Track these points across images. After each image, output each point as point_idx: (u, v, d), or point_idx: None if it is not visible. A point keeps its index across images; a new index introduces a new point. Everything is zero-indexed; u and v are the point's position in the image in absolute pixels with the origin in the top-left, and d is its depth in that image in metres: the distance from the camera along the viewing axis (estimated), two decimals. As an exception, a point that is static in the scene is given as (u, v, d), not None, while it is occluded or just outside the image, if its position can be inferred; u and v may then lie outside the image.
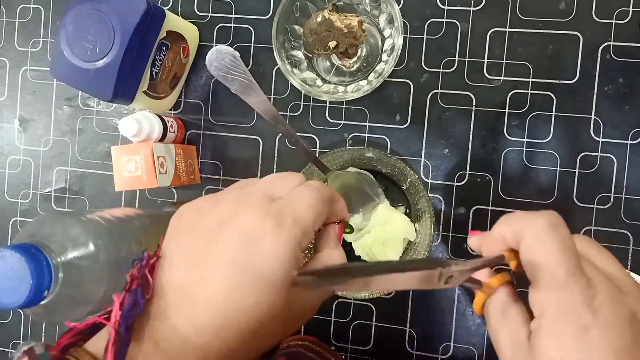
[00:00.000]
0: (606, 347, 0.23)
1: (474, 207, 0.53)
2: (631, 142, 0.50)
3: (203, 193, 0.58)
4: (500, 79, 0.52)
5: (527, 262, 0.26)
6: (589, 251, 0.28)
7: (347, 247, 0.53)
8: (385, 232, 0.51)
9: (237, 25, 0.57)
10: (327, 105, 0.55)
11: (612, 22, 0.50)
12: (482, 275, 0.30)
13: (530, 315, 0.26)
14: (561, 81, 0.51)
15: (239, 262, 0.26)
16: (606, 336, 0.23)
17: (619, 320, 0.23)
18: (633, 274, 0.50)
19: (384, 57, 0.51)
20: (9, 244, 0.36)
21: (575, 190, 0.51)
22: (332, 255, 0.31)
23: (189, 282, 0.26)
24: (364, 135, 0.55)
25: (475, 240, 0.31)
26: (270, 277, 0.26)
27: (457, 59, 0.53)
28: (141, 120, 0.50)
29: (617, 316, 0.23)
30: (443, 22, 0.53)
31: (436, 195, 0.54)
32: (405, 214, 0.53)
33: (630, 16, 0.50)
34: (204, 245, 0.27)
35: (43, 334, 0.61)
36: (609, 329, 0.23)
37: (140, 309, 0.26)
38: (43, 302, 0.36)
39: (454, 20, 0.53)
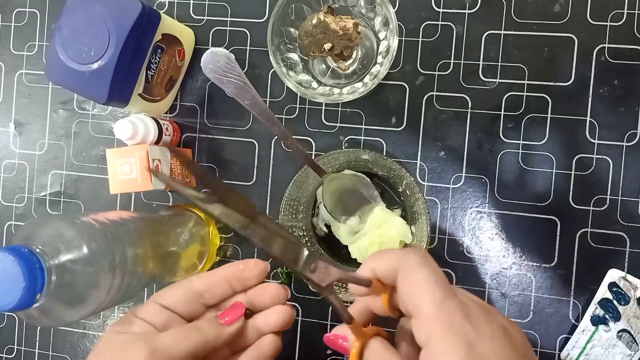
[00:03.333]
0: (494, 359, 0.25)
1: (471, 210, 0.53)
2: (627, 143, 0.50)
3: (199, 196, 0.58)
4: (496, 82, 0.52)
5: (406, 293, 0.27)
6: (453, 286, 0.31)
7: (344, 250, 0.53)
8: (381, 234, 0.51)
9: (233, 28, 0.57)
10: (323, 107, 0.55)
11: (606, 25, 0.50)
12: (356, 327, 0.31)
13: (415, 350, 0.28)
14: (556, 83, 0.51)
15: None
16: (491, 348, 0.25)
17: (497, 333, 0.25)
18: (631, 277, 0.50)
19: (379, 59, 0.51)
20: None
21: (571, 192, 0.51)
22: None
23: None
24: (359, 137, 0.55)
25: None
26: None
27: (452, 61, 0.53)
28: (136, 123, 0.50)
29: (494, 329, 0.25)
30: (438, 24, 0.53)
31: (432, 198, 0.54)
32: (401, 216, 0.53)
33: (624, 18, 0.50)
34: None
35: (37, 339, 0.61)
36: (491, 341, 0.25)
37: None
38: (36, 305, 0.36)
39: (449, 23, 0.53)
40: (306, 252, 0.27)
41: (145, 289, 0.59)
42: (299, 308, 0.56)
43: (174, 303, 0.36)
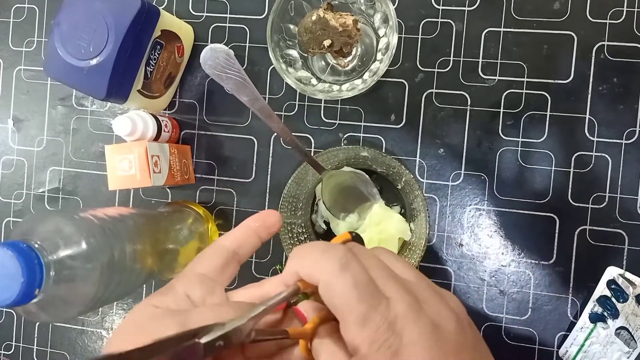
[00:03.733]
0: None
1: (469, 207, 0.53)
2: (626, 141, 0.51)
3: (197, 193, 0.58)
4: (495, 79, 0.52)
5: (330, 306, 0.26)
6: (385, 257, 0.29)
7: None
8: (380, 231, 0.51)
9: (232, 24, 0.57)
10: (322, 105, 0.55)
11: (606, 22, 0.50)
12: (309, 309, 0.29)
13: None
14: (556, 81, 0.51)
15: None
16: (416, 353, 0.24)
17: (423, 333, 0.24)
18: (630, 275, 0.50)
19: (379, 56, 0.51)
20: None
21: (570, 190, 0.51)
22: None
23: None
24: (359, 135, 0.55)
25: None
26: None
27: (452, 58, 0.53)
28: (135, 119, 0.50)
29: (420, 329, 0.24)
30: (438, 21, 0.53)
31: (431, 195, 0.54)
32: (401, 213, 0.53)
33: (624, 16, 0.50)
34: None
35: (35, 335, 0.61)
36: (415, 347, 0.24)
37: None
38: (34, 300, 0.36)
39: (449, 20, 0.53)
40: (201, 342, 0.24)
41: (144, 286, 0.59)
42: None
43: (212, 268, 0.33)
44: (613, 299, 0.50)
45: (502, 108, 0.52)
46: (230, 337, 0.25)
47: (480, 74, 0.52)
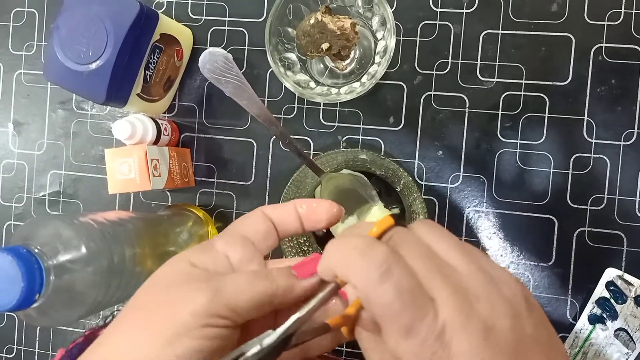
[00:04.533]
0: None
1: (468, 209, 0.53)
2: (624, 143, 0.51)
3: (197, 196, 0.58)
4: (493, 81, 0.52)
5: (370, 311, 0.24)
6: (431, 239, 0.26)
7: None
8: (379, 234, 0.51)
9: (231, 28, 0.57)
10: (321, 107, 0.55)
11: (604, 24, 0.51)
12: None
13: None
14: (554, 83, 0.51)
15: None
16: None
17: (472, 344, 0.22)
18: (628, 276, 0.50)
19: (377, 59, 0.51)
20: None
21: (568, 192, 0.51)
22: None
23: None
24: (357, 137, 0.55)
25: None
26: None
27: (450, 61, 0.53)
28: (135, 123, 0.50)
29: (469, 340, 0.22)
30: (436, 24, 0.53)
31: (430, 197, 0.54)
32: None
33: (622, 18, 0.50)
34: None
35: (37, 338, 0.61)
36: (465, 358, 0.22)
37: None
38: (35, 305, 0.36)
39: (447, 23, 0.53)
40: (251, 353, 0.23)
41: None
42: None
43: (255, 232, 0.30)
44: (612, 301, 0.50)
45: (500, 110, 0.52)
46: (270, 352, 0.24)
47: (479, 76, 0.53)
